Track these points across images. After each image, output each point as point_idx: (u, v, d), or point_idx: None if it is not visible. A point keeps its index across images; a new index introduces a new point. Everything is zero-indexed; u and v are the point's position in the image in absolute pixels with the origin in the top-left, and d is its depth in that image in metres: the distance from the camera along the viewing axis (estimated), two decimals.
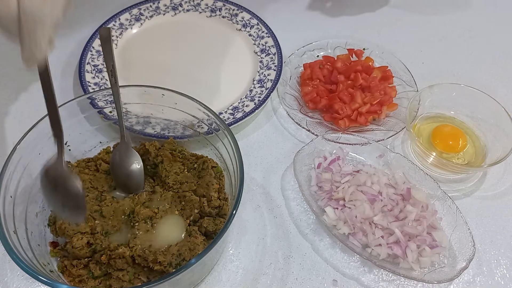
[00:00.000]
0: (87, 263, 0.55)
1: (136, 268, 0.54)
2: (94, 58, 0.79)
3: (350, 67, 0.78)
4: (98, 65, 0.78)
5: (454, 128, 0.74)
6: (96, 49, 0.79)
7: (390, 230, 0.60)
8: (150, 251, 0.53)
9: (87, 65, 0.77)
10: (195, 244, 0.54)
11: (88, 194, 0.59)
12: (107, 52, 0.56)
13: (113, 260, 0.54)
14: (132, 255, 0.54)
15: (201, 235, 0.56)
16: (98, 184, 0.61)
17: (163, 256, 0.53)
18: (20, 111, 0.75)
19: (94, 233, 0.56)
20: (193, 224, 0.58)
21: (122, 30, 0.85)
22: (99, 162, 0.63)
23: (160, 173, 0.61)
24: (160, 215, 0.57)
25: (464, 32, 0.94)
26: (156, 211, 0.57)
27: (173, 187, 0.60)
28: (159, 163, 0.62)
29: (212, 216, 0.59)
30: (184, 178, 0.61)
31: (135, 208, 0.57)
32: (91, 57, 0.78)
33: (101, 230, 0.56)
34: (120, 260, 0.54)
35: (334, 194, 0.63)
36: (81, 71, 0.76)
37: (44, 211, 0.59)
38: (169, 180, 0.60)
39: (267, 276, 0.59)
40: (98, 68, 0.77)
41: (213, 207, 0.59)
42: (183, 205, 0.59)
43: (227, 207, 0.60)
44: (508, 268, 0.62)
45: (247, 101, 0.74)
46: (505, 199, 0.69)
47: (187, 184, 0.60)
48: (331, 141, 0.70)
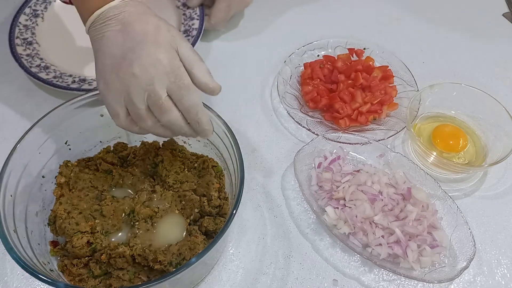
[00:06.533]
0: (87, 262, 0.54)
1: (136, 267, 0.54)
2: (23, 32, 0.82)
3: (350, 67, 0.78)
4: (27, 38, 0.81)
5: (454, 127, 0.74)
6: (23, 24, 0.83)
7: (391, 230, 0.60)
8: (150, 250, 0.53)
9: (16, 39, 0.80)
10: (195, 243, 0.54)
11: (88, 193, 0.59)
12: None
13: (113, 259, 0.53)
14: (132, 254, 0.54)
15: (201, 234, 0.56)
16: (98, 184, 0.61)
17: (163, 255, 0.53)
18: (20, 110, 0.75)
19: (94, 232, 0.55)
20: (193, 224, 0.58)
21: (46, 4, 0.88)
22: (99, 161, 0.63)
23: (160, 173, 0.61)
24: (160, 215, 0.57)
25: (465, 32, 0.94)
26: (156, 210, 0.57)
27: (173, 187, 0.60)
28: (159, 162, 0.62)
29: (212, 216, 0.59)
30: (184, 177, 0.61)
31: (135, 208, 0.57)
32: (19, 31, 0.82)
33: (101, 229, 0.56)
34: (120, 259, 0.53)
35: (335, 193, 0.63)
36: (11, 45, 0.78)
37: (44, 210, 0.59)
38: (169, 179, 0.60)
39: (267, 276, 0.59)
40: (28, 41, 0.81)
41: (214, 207, 0.59)
42: (184, 204, 0.59)
43: (227, 207, 0.60)
44: (508, 268, 0.62)
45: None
46: (506, 198, 0.69)
47: (188, 183, 0.60)
48: (332, 141, 0.70)
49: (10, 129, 0.72)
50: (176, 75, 0.50)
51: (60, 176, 0.60)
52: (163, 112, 0.51)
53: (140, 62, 0.49)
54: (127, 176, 0.62)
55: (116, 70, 0.50)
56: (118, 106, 0.52)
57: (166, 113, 0.51)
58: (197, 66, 0.52)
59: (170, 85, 0.50)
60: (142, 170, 0.63)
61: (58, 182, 0.59)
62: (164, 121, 0.52)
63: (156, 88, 0.49)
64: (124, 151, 0.64)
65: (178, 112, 0.52)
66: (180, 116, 0.52)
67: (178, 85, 0.50)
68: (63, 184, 0.59)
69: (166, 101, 0.50)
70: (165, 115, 0.51)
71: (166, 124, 0.52)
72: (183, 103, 0.51)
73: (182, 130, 0.54)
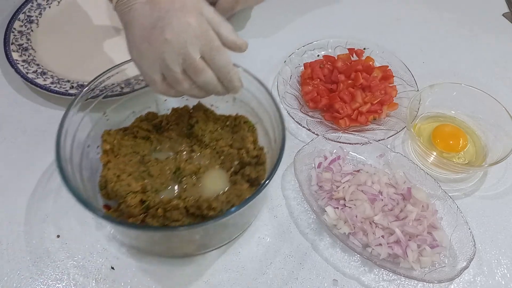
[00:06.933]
0: (143, 219, 0.57)
1: (190, 218, 0.57)
2: (18, 38, 0.81)
3: (350, 67, 0.78)
4: (22, 44, 0.81)
5: (454, 127, 0.74)
6: (18, 30, 0.83)
7: (391, 230, 0.60)
8: (203, 200, 0.56)
9: (11, 45, 0.80)
10: (241, 190, 0.57)
11: (132, 159, 0.62)
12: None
13: (169, 212, 0.56)
14: (185, 206, 0.56)
15: (245, 182, 0.59)
16: (139, 149, 0.63)
17: (216, 202, 0.56)
18: (20, 110, 0.75)
19: (145, 192, 0.58)
20: (235, 175, 0.61)
21: (41, 10, 0.88)
22: (135, 129, 0.65)
23: (197, 133, 0.64)
24: (203, 170, 0.61)
25: (465, 32, 0.94)
26: (199, 166, 0.61)
27: (209, 145, 0.63)
28: (194, 123, 0.65)
29: (252, 165, 0.62)
30: (219, 135, 0.64)
31: (180, 165, 0.61)
32: (14, 37, 0.81)
33: (151, 188, 0.58)
34: (176, 212, 0.56)
35: (335, 193, 0.63)
36: (7, 51, 0.78)
37: (92, 177, 0.60)
38: (206, 138, 0.64)
39: (267, 276, 0.59)
40: (23, 47, 0.80)
41: (252, 157, 0.62)
42: (222, 159, 0.62)
43: (264, 156, 0.63)
44: (508, 268, 0.62)
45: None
46: (506, 198, 0.69)
47: (223, 140, 0.64)
48: (332, 141, 0.70)
49: (10, 129, 0.72)
50: (206, 37, 0.53)
51: (105, 143, 0.62)
52: (199, 73, 0.54)
53: (171, 28, 0.51)
54: (164, 140, 0.65)
55: (147, 39, 0.52)
56: (153, 73, 0.54)
57: (201, 74, 0.54)
58: (223, 26, 0.55)
59: (201, 47, 0.52)
60: (178, 133, 0.66)
61: (104, 149, 0.62)
62: (200, 81, 0.55)
63: (190, 51, 0.52)
64: (156, 119, 0.67)
65: (212, 72, 0.54)
66: (214, 75, 0.55)
67: (210, 47, 0.53)
68: (108, 151, 0.62)
69: (200, 63, 0.53)
70: (200, 76, 0.54)
71: (201, 84, 0.55)
72: (215, 63, 0.54)
73: (216, 89, 0.56)
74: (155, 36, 0.52)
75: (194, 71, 0.53)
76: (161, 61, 0.52)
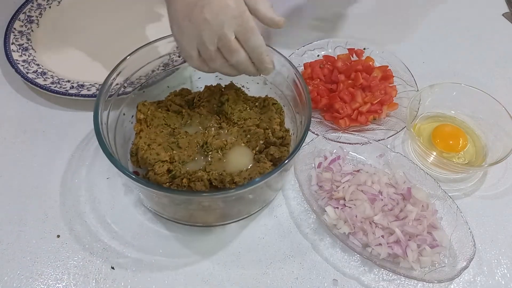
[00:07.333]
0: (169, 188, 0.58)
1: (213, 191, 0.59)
2: (18, 38, 0.82)
3: (350, 67, 0.78)
4: (23, 44, 0.81)
5: (454, 127, 0.74)
6: (18, 30, 0.83)
7: (391, 230, 0.60)
8: (226, 174, 0.59)
9: (11, 45, 0.80)
10: (264, 168, 0.59)
11: (163, 130, 0.64)
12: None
13: (193, 182, 0.58)
14: (209, 178, 0.59)
15: (268, 161, 0.61)
16: (170, 122, 0.66)
17: (238, 177, 0.58)
18: (20, 110, 0.75)
19: (172, 162, 0.60)
20: (259, 154, 0.63)
21: (41, 10, 0.88)
22: (169, 103, 0.68)
23: (226, 110, 0.66)
24: (229, 147, 0.63)
25: (465, 32, 0.94)
26: (226, 142, 0.63)
27: (237, 123, 0.65)
28: (225, 101, 0.67)
29: (276, 145, 0.63)
30: (247, 115, 0.66)
31: (207, 140, 0.63)
32: (14, 37, 0.82)
33: (178, 159, 0.61)
34: (199, 183, 0.58)
35: (335, 193, 0.63)
36: (7, 51, 0.78)
37: (125, 144, 0.65)
38: (234, 116, 0.66)
39: (267, 276, 0.59)
40: (24, 47, 0.81)
41: (277, 137, 0.64)
42: (249, 138, 0.64)
43: (289, 138, 0.65)
44: (508, 268, 0.62)
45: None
46: (506, 198, 0.69)
47: (251, 119, 0.66)
48: (332, 141, 0.70)
49: (10, 129, 0.72)
50: (243, 18, 0.54)
51: (139, 113, 0.65)
52: (232, 53, 0.56)
53: (211, 8, 0.53)
54: (195, 115, 0.67)
55: (188, 16, 0.54)
56: (191, 49, 0.57)
57: (234, 54, 0.56)
58: (261, 3, 0.56)
59: (237, 28, 0.54)
60: (209, 110, 0.68)
61: (138, 118, 0.65)
62: (233, 61, 0.57)
63: (226, 31, 0.54)
64: (189, 95, 0.70)
65: (245, 53, 0.57)
66: (246, 56, 0.57)
67: (245, 28, 0.55)
68: (142, 121, 0.65)
69: (235, 43, 0.55)
70: (234, 55, 0.56)
71: (234, 63, 0.57)
72: (249, 44, 0.56)
73: (248, 69, 0.59)
74: (195, 14, 0.54)
75: (229, 50, 0.55)
76: (199, 38, 0.55)
